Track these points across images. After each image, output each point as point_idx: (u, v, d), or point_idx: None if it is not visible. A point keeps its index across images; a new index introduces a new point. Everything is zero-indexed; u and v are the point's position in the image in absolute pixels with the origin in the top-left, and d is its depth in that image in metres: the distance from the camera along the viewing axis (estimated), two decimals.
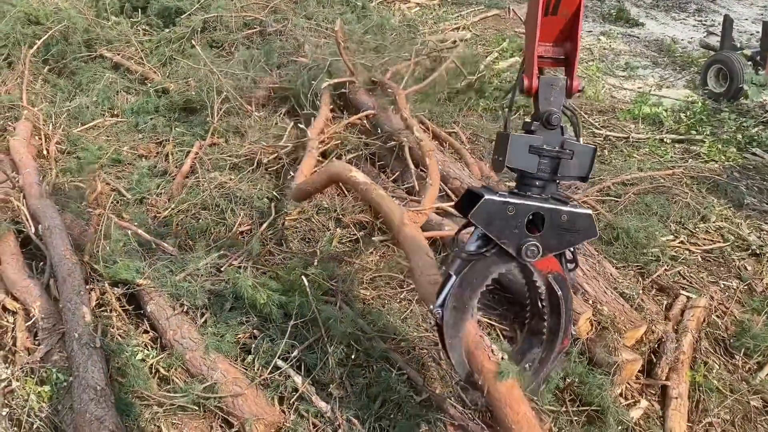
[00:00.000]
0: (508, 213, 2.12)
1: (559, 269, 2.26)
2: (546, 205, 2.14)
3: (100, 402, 2.97)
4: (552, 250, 2.19)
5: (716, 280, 4.44)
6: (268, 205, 4.59)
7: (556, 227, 2.14)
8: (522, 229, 2.14)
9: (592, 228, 2.19)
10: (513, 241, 2.15)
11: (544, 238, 2.15)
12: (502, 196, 2.14)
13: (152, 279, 3.86)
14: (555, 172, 2.17)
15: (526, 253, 2.14)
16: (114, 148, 5.53)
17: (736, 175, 5.73)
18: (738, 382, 3.69)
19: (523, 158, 2.15)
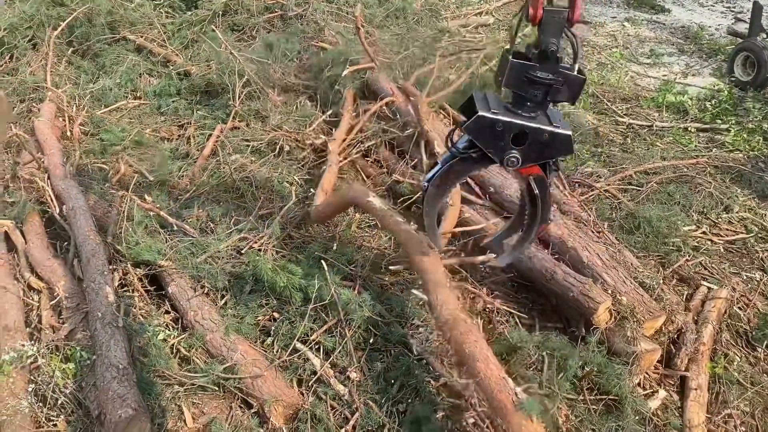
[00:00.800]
0: (496, 128, 2.44)
1: (539, 172, 2.60)
2: (531, 124, 2.45)
3: (122, 380, 3.03)
4: (531, 162, 2.53)
5: (738, 272, 4.39)
6: (289, 190, 4.60)
7: (537, 143, 2.47)
8: (507, 143, 2.47)
9: (570, 146, 2.51)
10: (498, 152, 2.49)
11: (525, 151, 2.48)
12: (494, 113, 2.43)
13: (174, 260, 3.91)
14: (546, 96, 2.43)
15: (507, 163, 2.50)
16: (137, 131, 5.57)
17: (761, 165, 5.63)
18: (759, 375, 3.66)
19: (518, 82, 2.42)
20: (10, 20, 6.59)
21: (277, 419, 3.08)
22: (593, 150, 5.78)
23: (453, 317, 2.89)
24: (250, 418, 3.14)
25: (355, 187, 3.81)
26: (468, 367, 2.68)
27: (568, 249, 3.94)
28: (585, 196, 4.95)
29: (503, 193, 4.41)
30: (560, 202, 4.61)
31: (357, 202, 3.81)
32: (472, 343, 2.77)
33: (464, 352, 2.74)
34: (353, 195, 3.79)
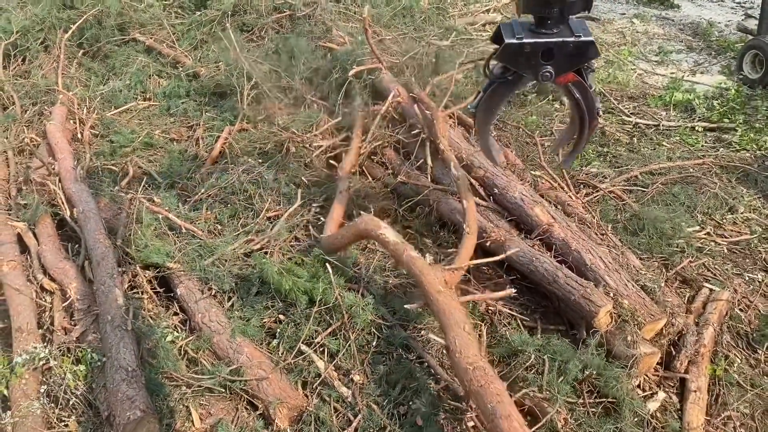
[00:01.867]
0: (525, 51, 2.67)
1: (575, 78, 2.82)
2: (554, 39, 2.66)
3: (131, 382, 3.11)
4: (564, 71, 2.76)
5: (741, 273, 4.40)
6: (295, 191, 4.66)
7: (564, 55, 2.69)
8: (537, 60, 2.69)
9: (595, 50, 2.72)
10: (532, 71, 2.73)
11: (556, 64, 2.71)
12: (519, 38, 2.65)
13: (182, 263, 3.99)
14: (563, 12, 2.65)
15: (542, 78, 2.72)
16: (146, 132, 5.66)
17: None
18: (759, 377, 3.68)
19: (535, 4, 2.65)
20: (22, 23, 6.70)
21: (282, 421, 3.15)
22: (599, 150, 5.80)
23: (473, 367, 2.77)
24: (255, 419, 3.22)
25: (366, 218, 3.66)
26: (490, 424, 2.58)
27: (571, 251, 3.98)
28: (590, 197, 4.98)
29: (507, 195, 4.45)
30: (564, 204, 4.64)
31: (369, 235, 3.69)
32: (494, 396, 2.63)
33: (486, 407, 2.62)
34: (364, 227, 3.66)
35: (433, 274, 3.25)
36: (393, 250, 3.48)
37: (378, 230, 3.55)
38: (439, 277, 3.25)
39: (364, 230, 3.66)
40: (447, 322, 3.00)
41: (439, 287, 3.17)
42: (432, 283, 3.19)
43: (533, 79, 2.79)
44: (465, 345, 2.86)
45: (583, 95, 2.89)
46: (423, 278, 3.24)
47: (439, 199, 4.55)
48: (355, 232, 3.77)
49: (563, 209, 4.55)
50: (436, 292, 3.14)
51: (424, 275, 3.24)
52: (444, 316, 3.04)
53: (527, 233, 4.21)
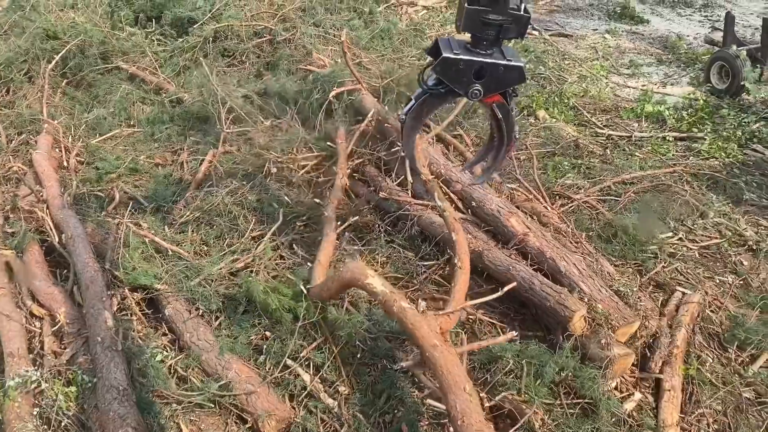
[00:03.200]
0: (459, 66, 2.78)
1: (500, 99, 2.96)
2: (488, 60, 2.80)
3: (122, 401, 3.19)
4: (492, 92, 2.89)
5: (712, 276, 4.57)
6: (277, 211, 4.78)
7: (494, 76, 2.82)
8: (470, 78, 2.81)
9: (522, 76, 2.88)
10: (462, 87, 2.84)
11: (486, 83, 2.84)
12: (456, 54, 2.77)
13: (170, 284, 4.09)
14: (498, 35, 2.78)
15: (471, 95, 2.85)
16: (131, 158, 5.76)
17: (736, 171, 5.84)
18: (731, 375, 3.82)
19: (474, 24, 2.75)
20: (5, 55, 6.80)
21: None
22: (573, 162, 5.98)
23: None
24: None
25: (351, 267, 3.44)
26: None
27: (546, 259, 4.12)
28: (565, 208, 5.14)
29: (484, 207, 4.60)
30: (540, 214, 4.80)
31: (356, 284, 3.46)
32: None
33: None
34: (351, 276, 3.41)
35: (427, 326, 3.04)
36: (382, 300, 3.25)
37: (365, 279, 3.32)
38: (433, 327, 3.06)
39: (350, 279, 3.44)
40: (446, 383, 2.83)
41: (434, 341, 2.97)
42: (426, 338, 2.98)
43: (463, 95, 2.89)
44: (467, 410, 2.69)
45: (505, 117, 3.03)
46: (416, 332, 3.03)
47: (420, 214, 4.68)
48: (341, 283, 3.57)
49: (539, 219, 4.71)
50: (432, 347, 2.95)
51: (418, 329, 3.03)
52: (442, 376, 2.87)
53: (504, 243, 4.36)
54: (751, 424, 3.56)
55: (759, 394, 3.74)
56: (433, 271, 4.38)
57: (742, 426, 3.53)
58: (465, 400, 2.75)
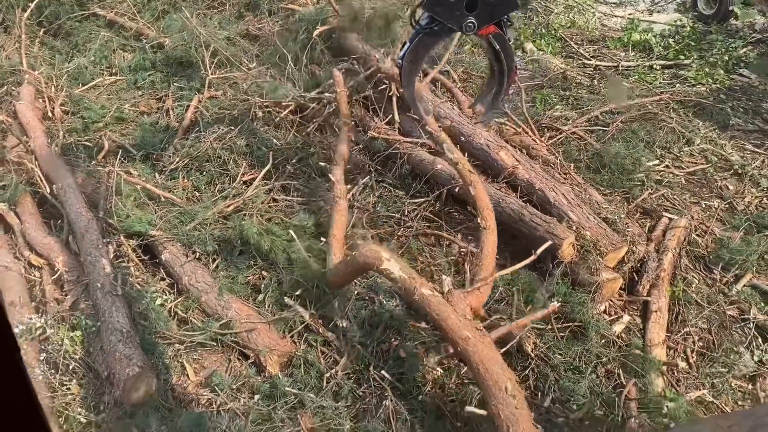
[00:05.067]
0: (450, 1, 2.76)
1: (496, 30, 2.91)
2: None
3: (127, 342, 3.28)
4: (486, 23, 2.85)
5: (698, 201, 4.65)
6: (266, 154, 4.78)
7: (486, 6, 2.79)
8: (462, 11, 2.78)
9: (515, 3, 2.89)
10: (455, 21, 2.81)
11: (479, 15, 2.80)
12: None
13: (164, 230, 4.13)
14: None
15: (466, 28, 2.81)
16: (116, 107, 5.70)
17: (723, 97, 5.85)
18: (716, 295, 3.95)
19: None
20: None
21: (273, 366, 3.35)
22: (561, 94, 5.97)
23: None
24: (247, 367, 3.42)
25: (365, 251, 3.13)
26: None
27: (535, 191, 4.18)
28: (553, 140, 5.17)
29: (473, 142, 4.62)
30: (529, 147, 4.83)
31: (371, 269, 3.20)
32: None
33: None
34: (365, 261, 3.12)
35: (455, 316, 2.74)
36: (401, 287, 2.98)
37: (380, 264, 3.01)
38: (462, 311, 2.79)
39: (364, 264, 3.16)
40: (485, 384, 2.55)
41: (465, 333, 2.69)
42: (456, 330, 2.71)
43: (457, 30, 2.86)
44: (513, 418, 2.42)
45: (503, 47, 2.98)
46: (443, 324, 2.74)
47: (409, 152, 4.70)
48: (356, 268, 3.29)
49: (528, 152, 4.74)
50: (464, 340, 2.68)
51: (444, 320, 2.74)
52: (479, 375, 2.59)
53: (494, 177, 4.40)
54: (734, 339, 3.71)
55: (742, 311, 3.88)
56: (424, 208, 4.44)
57: (725, 342, 3.67)
58: (510, 405, 2.46)
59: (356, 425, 3.03)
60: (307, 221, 4.17)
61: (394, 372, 3.27)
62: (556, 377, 3.28)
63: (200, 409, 3.23)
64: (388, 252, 3.10)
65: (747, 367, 3.57)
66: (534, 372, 3.31)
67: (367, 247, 3.19)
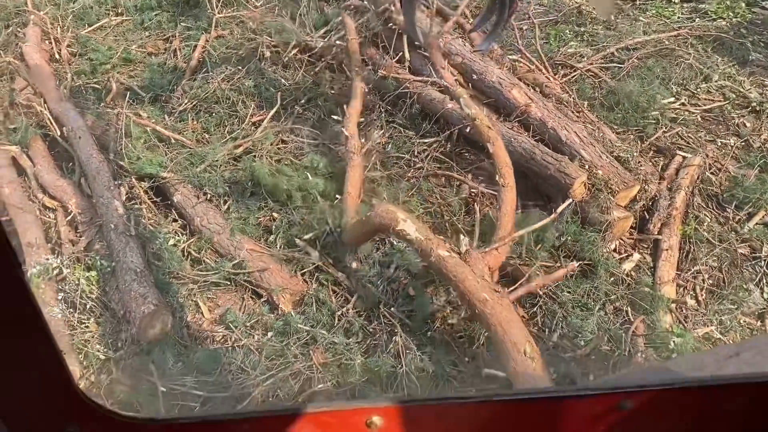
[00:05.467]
0: None
1: None
2: None
3: (141, 282, 3.34)
4: None
5: (714, 139, 4.57)
6: (275, 95, 4.74)
7: None
8: None
9: None
10: None
11: None
12: None
13: (175, 171, 4.15)
14: None
15: None
16: (123, 48, 5.64)
17: (743, 31, 5.67)
18: (728, 233, 3.93)
19: None
20: None
21: (285, 305, 3.41)
22: (576, 30, 5.81)
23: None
24: (261, 305, 3.49)
25: (380, 210, 3.05)
26: None
27: (548, 129, 4.13)
28: (567, 78, 5.06)
29: (485, 80, 4.54)
30: (542, 85, 4.74)
31: (387, 230, 3.15)
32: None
33: None
34: (380, 222, 3.07)
35: (473, 277, 2.70)
36: (418, 248, 2.96)
37: (396, 225, 2.97)
38: (481, 272, 2.74)
39: (380, 225, 3.11)
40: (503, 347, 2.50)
41: (483, 295, 2.66)
42: (474, 291, 2.68)
43: None
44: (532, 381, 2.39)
45: None
46: (461, 286, 2.72)
47: (419, 91, 4.63)
48: (371, 228, 3.25)
49: (541, 91, 4.66)
50: (482, 302, 2.65)
51: (462, 281, 2.71)
52: (497, 338, 2.55)
53: (506, 116, 4.34)
54: (744, 277, 3.71)
55: (753, 249, 3.86)
56: (435, 149, 4.40)
57: (735, 280, 3.68)
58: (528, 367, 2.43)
59: (367, 360, 3.10)
60: (317, 162, 4.16)
61: (403, 309, 3.32)
62: (564, 314, 3.31)
63: (215, 346, 3.31)
64: (404, 212, 3.05)
65: (756, 305, 3.58)
66: (542, 309, 3.35)
67: (382, 207, 3.12)
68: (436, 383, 3.02)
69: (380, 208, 3.10)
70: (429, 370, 3.05)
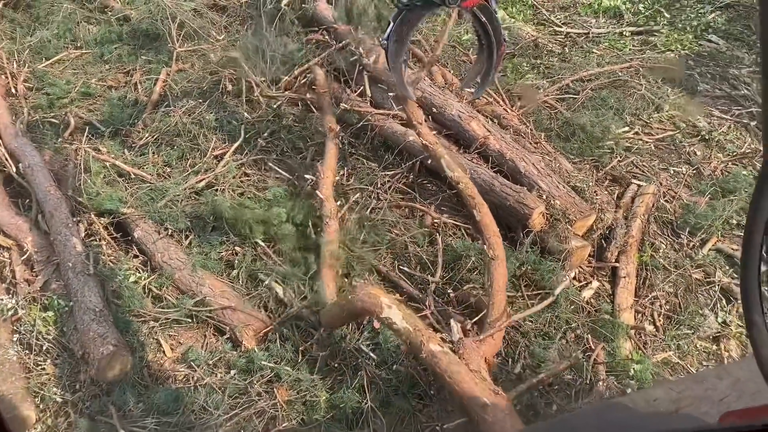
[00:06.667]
0: None
1: (481, 1, 2.85)
2: None
3: (100, 321, 3.28)
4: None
5: (667, 167, 4.72)
6: (238, 128, 4.74)
7: None
8: None
9: None
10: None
11: None
12: None
13: (136, 207, 4.10)
14: None
15: (449, 1, 2.74)
16: (82, 81, 5.59)
17: (691, 63, 5.91)
18: (683, 259, 4.04)
19: None
20: None
21: (249, 341, 3.38)
22: (533, 62, 5.97)
23: None
24: (223, 343, 3.44)
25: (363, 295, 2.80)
26: None
27: (506, 161, 4.21)
28: (524, 109, 5.19)
29: (445, 113, 4.62)
30: (500, 117, 4.85)
31: (370, 315, 2.96)
32: None
33: None
34: (362, 306, 2.83)
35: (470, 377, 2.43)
36: (406, 340, 2.68)
37: (380, 312, 2.73)
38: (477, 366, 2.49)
39: (362, 310, 2.87)
40: None
41: (483, 400, 2.38)
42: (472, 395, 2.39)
43: (440, 4, 2.76)
44: None
45: (489, 19, 2.89)
46: (457, 388, 2.42)
47: (382, 124, 4.69)
48: (352, 313, 3.01)
49: (499, 122, 4.76)
50: (481, 407, 2.38)
51: (458, 383, 2.42)
52: None
53: (465, 148, 4.42)
54: (699, 302, 3.82)
55: (707, 274, 3.98)
56: (397, 180, 4.45)
57: (691, 304, 3.78)
58: None
59: (332, 396, 3.08)
60: (281, 195, 4.17)
61: (369, 343, 3.32)
62: (527, 344, 3.36)
63: (177, 385, 3.26)
64: (389, 297, 2.81)
65: (711, 329, 3.68)
66: (505, 339, 3.38)
67: (365, 290, 2.85)
68: (402, 418, 3.02)
69: (362, 291, 2.84)
70: (395, 404, 3.04)
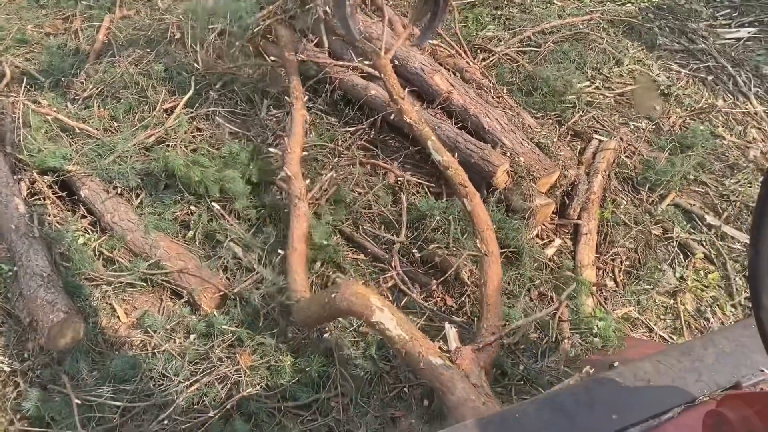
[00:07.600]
0: None
1: None
2: None
3: (48, 287, 3.10)
4: None
5: (627, 122, 4.73)
6: (188, 79, 4.50)
7: None
8: None
9: None
10: None
11: None
12: None
13: (81, 164, 3.87)
14: None
15: None
16: (17, 28, 5.20)
17: (651, 16, 5.88)
18: (642, 215, 4.08)
19: None
20: None
21: (207, 305, 3.26)
22: (494, 13, 5.84)
23: None
24: (181, 307, 3.32)
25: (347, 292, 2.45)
26: None
27: (470, 117, 4.12)
28: (486, 62, 5.09)
29: (408, 66, 4.47)
30: (462, 70, 4.74)
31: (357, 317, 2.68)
32: None
33: None
34: (349, 307, 2.47)
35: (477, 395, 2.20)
36: (401, 349, 2.38)
37: (371, 315, 2.40)
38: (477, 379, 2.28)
39: (348, 311, 2.51)
40: None
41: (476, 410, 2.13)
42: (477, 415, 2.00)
43: None
44: None
45: None
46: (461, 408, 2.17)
47: (341, 76, 4.52)
48: (335, 313, 2.62)
49: (461, 76, 4.65)
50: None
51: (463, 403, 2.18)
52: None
53: (429, 103, 4.31)
54: (658, 257, 3.87)
55: (666, 230, 4.03)
56: (359, 136, 4.32)
57: (650, 260, 3.82)
58: None
59: (297, 360, 3.02)
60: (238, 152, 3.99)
61: None
62: None
63: (134, 352, 3.13)
64: (379, 298, 2.43)
65: (669, 284, 3.74)
66: (470, 298, 3.36)
67: (351, 289, 2.45)
68: (370, 380, 2.98)
69: (348, 290, 2.45)
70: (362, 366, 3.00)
